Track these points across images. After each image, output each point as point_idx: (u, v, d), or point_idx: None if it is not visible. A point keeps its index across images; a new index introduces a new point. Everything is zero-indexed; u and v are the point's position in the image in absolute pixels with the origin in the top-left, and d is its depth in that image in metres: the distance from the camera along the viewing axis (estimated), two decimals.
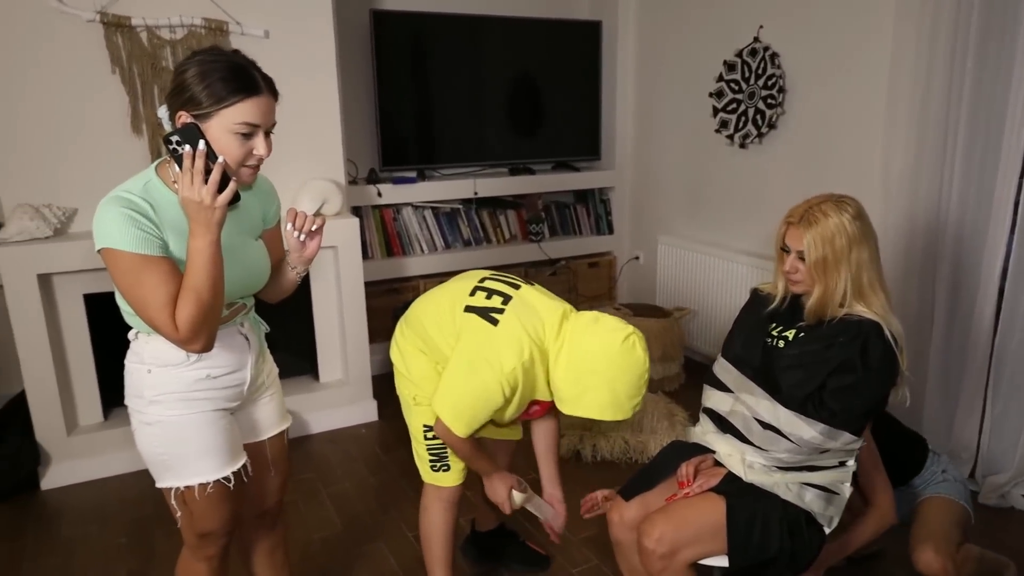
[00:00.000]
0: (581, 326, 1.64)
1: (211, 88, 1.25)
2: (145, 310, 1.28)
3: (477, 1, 3.97)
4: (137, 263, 1.26)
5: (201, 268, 1.26)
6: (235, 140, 1.29)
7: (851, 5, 2.89)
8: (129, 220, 1.25)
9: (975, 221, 2.52)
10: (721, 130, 3.57)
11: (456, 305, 1.73)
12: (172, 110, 1.29)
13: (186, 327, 1.27)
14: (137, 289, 1.27)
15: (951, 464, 2.08)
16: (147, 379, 1.41)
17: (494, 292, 1.73)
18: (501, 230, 4.11)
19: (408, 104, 3.75)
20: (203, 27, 2.77)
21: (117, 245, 1.24)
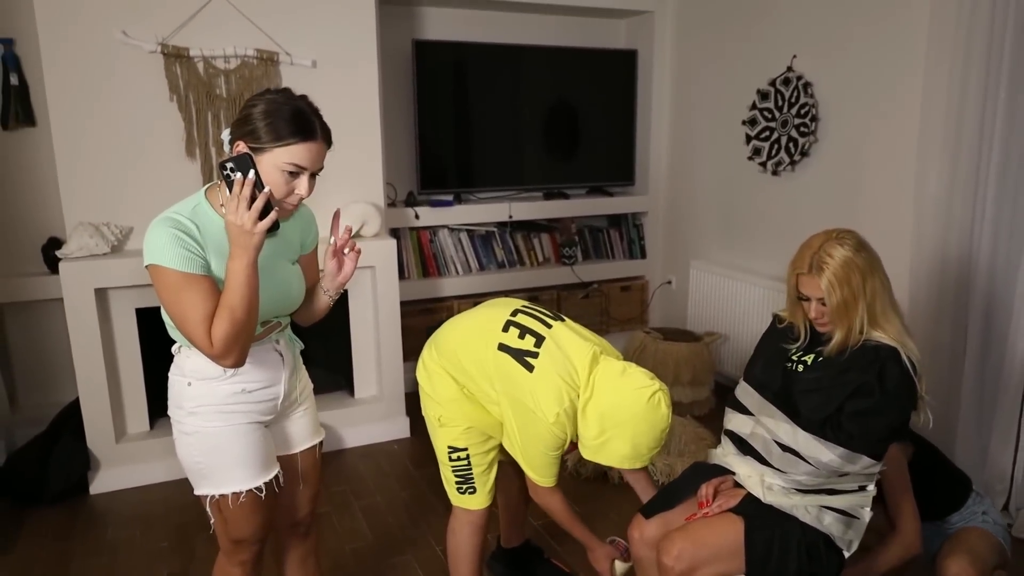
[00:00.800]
0: (610, 377, 1.70)
1: (272, 126, 1.34)
2: (184, 324, 1.36)
3: (516, 31, 4.09)
4: (179, 280, 1.34)
5: (237, 288, 1.34)
6: (281, 177, 1.37)
7: (884, 35, 2.92)
8: (176, 240, 1.34)
9: (1008, 252, 2.51)
10: (754, 157, 3.61)
11: (489, 340, 1.79)
12: (233, 137, 1.39)
13: (220, 343, 1.35)
14: (178, 305, 1.35)
15: (993, 507, 2.05)
16: (187, 391, 1.50)
17: (527, 331, 1.79)
18: (535, 253, 4.19)
19: (447, 129, 3.88)
20: (255, 58, 2.93)
21: (163, 262, 1.34)
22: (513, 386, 1.74)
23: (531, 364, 1.73)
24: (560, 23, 4.22)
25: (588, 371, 1.71)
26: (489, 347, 1.79)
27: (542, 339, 1.77)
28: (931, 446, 2.07)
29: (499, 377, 1.76)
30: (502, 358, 1.76)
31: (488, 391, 1.80)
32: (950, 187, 2.63)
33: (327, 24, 3.07)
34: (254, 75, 2.94)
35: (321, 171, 1.44)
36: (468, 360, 1.82)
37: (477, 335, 1.84)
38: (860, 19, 3.02)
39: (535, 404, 1.69)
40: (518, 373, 1.73)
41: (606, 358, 1.77)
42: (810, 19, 3.26)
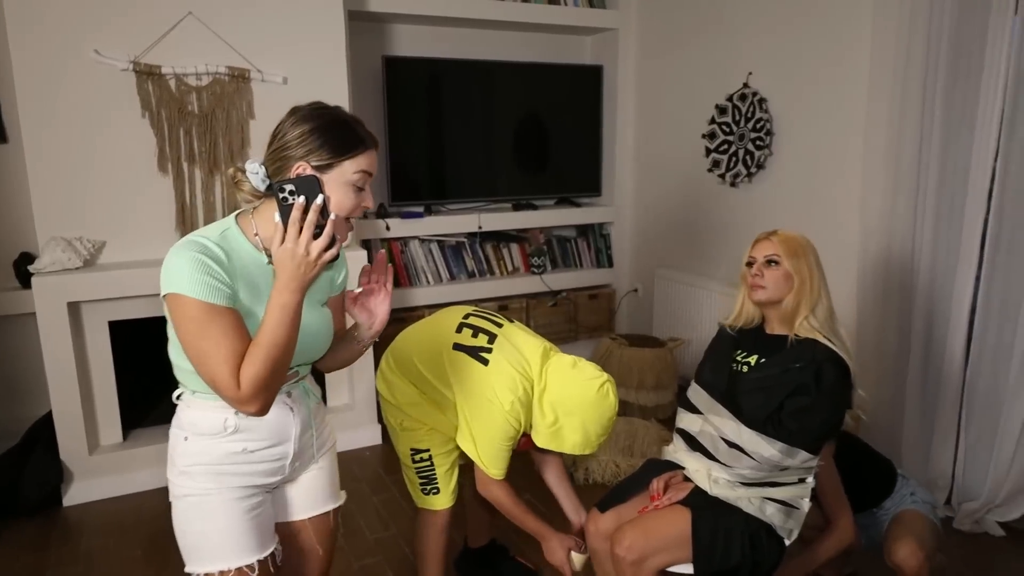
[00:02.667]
0: (562, 370, 1.84)
1: (338, 139, 1.26)
2: (205, 363, 1.21)
3: (485, 47, 4.21)
4: (204, 312, 1.19)
5: (279, 326, 1.21)
6: (351, 191, 1.27)
7: (831, 55, 3.08)
8: (201, 266, 1.20)
9: (946, 258, 2.66)
10: (713, 169, 3.75)
11: (444, 342, 1.91)
12: (283, 162, 1.26)
13: (249, 385, 1.20)
14: (200, 340, 1.20)
15: (920, 487, 2.18)
16: (181, 447, 1.34)
17: (479, 330, 1.91)
18: (504, 263, 4.29)
19: (417, 143, 3.97)
20: (227, 75, 3.00)
21: (185, 291, 1.19)
22: (468, 380, 1.84)
23: (485, 358, 1.85)
24: (527, 39, 4.35)
25: (540, 364, 1.85)
26: (444, 348, 1.89)
27: (494, 336, 1.90)
28: (854, 438, 2.20)
29: (454, 374, 1.86)
30: (457, 356, 1.87)
31: (445, 392, 1.90)
32: (893, 199, 2.78)
33: (298, 41, 3.15)
34: (225, 91, 3.02)
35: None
36: (424, 365, 1.92)
37: (431, 340, 1.95)
38: (810, 39, 3.18)
39: (492, 394, 1.79)
40: (473, 367, 1.85)
41: (556, 353, 1.92)
42: (765, 38, 3.41)
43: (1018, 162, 2.43)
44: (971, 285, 2.59)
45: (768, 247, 1.84)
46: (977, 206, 2.53)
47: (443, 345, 1.91)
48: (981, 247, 2.55)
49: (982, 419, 2.62)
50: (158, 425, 3.22)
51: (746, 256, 1.90)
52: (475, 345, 1.88)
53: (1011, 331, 2.50)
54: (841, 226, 3.07)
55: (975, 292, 2.59)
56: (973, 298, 2.59)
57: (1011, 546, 2.55)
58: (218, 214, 3.10)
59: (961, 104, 2.56)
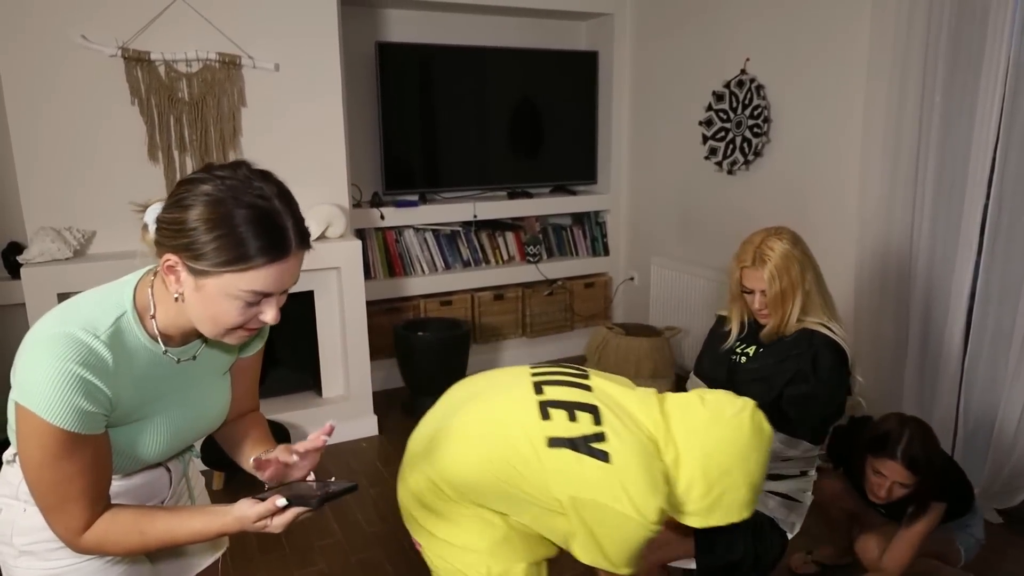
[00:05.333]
0: (693, 420, 1.34)
1: (222, 244, 0.94)
2: (45, 496, 0.97)
3: (479, 32, 4.15)
4: (62, 443, 0.94)
5: (180, 540, 1.04)
6: (235, 305, 0.98)
7: (830, 42, 3.04)
8: (78, 387, 0.93)
9: (944, 247, 2.65)
10: (710, 157, 3.72)
11: (531, 440, 1.31)
12: (160, 247, 0.99)
13: (95, 544, 1.00)
14: (49, 471, 0.95)
15: (980, 523, 2.15)
16: (20, 521, 1.07)
17: (572, 407, 1.33)
18: (500, 251, 4.26)
19: (411, 130, 3.92)
20: (217, 61, 2.95)
21: (45, 414, 0.92)
22: (586, 488, 1.27)
23: (603, 451, 1.27)
24: (522, 25, 4.29)
25: (663, 426, 1.34)
26: (535, 449, 1.30)
27: (595, 409, 1.33)
28: (951, 461, 2.16)
29: (560, 482, 1.29)
30: (560, 456, 1.28)
31: (545, 507, 1.33)
32: (891, 187, 2.76)
33: (289, 27, 3.09)
34: (216, 78, 2.96)
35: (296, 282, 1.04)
36: (507, 481, 1.33)
37: (506, 441, 1.34)
38: (808, 25, 3.14)
39: (628, 506, 1.24)
40: (589, 468, 1.27)
41: (668, 398, 1.41)
42: (762, 24, 3.37)
43: (1018, 149, 2.41)
44: (970, 272, 2.58)
45: (757, 278, 1.76)
46: (976, 193, 2.52)
47: (532, 445, 1.31)
48: (980, 234, 2.53)
49: (981, 406, 2.62)
50: None
51: (737, 281, 1.83)
52: (581, 435, 1.29)
53: (1010, 318, 2.49)
54: (839, 214, 3.05)
55: (974, 279, 2.58)
56: (972, 285, 2.58)
57: (1009, 533, 2.56)
58: None
59: (961, 90, 2.53)
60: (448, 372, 3.65)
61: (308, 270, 3.22)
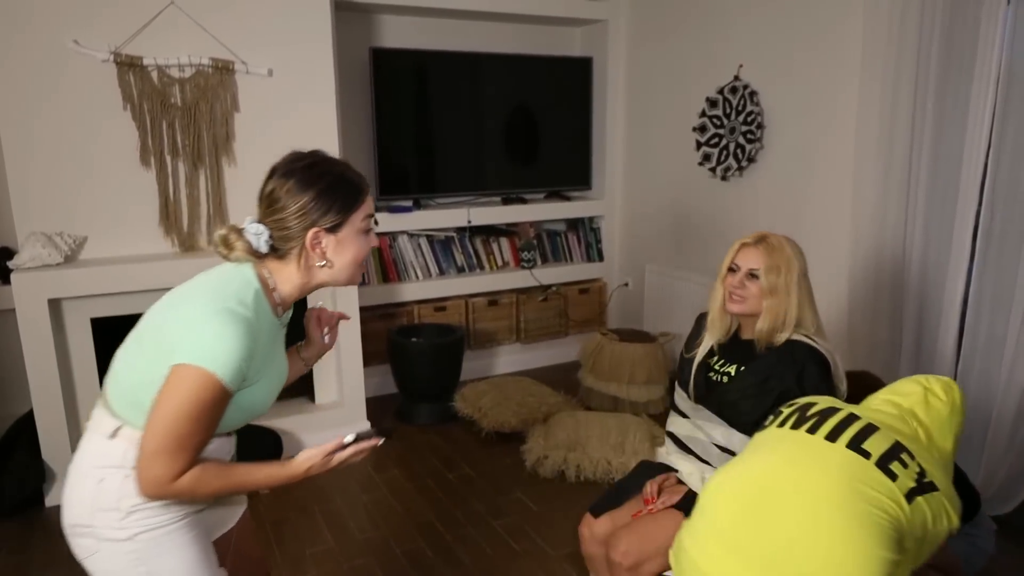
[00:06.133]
0: (943, 418, 1.34)
1: (339, 195, 1.26)
2: (167, 444, 1.13)
3: (473, 38, 4.15)
4: (215, 397, 1.15)
5: (253, 485, 1.24)
6: (363, 238, 1.31)
7: (823, 48, 3.05)
8: (245, 350, 1.16)
9: (938, 253, 2.66)
10: (704, 163, 3.72)
11: (898, 505, 1.20)
12: (291, 231, 1.26)
13: (185, 489, 1.16)
14: (186, 423, 1.13)
15: (990, 536, 2.11)
16: (126, 485, 1.21)
17: (894, 450, 1.24)
18: (494, 257, 4.25)
19: (406, 136, 3.92)
20: (210, 66, 2.94)
21: (216, 370, 1.13)
22: (938, 531, 1.27)
23: (931, 482, 1.24)
24: (517, 31, 4.30)
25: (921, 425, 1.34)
26: (904, 513, 1.20)
27: (907, 453, 1.25)
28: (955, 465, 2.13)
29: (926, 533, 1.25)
30: (918, 508, 1.22)
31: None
32: (884, 192, 2.76)
33: (283, 32, 3.09)
34: (209, 84, 2.95)
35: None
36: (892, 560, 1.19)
37: (882, 522, 1.18)
38: (801, 32, 3.15)
39: (952, 521, 1.27)
40: (935, 505, 1.25)
41: (929, 401, 1.37)
42: (756, 30, 3.38)
43: (1010, 155, 2.41)
44: (963, 278, 2.58)
45: (753, 258, 1.74)
46: (969, 199, 2.52)
47: (902, 510, 1.21)
48: (973, 240, 2.54)
49: (974, 413, 2.61)
50: None
51: (728, 259, 1.81)
52: (915, 476, 1.24)
53: (1003, 324, 2.49)
54: (832, 220, 3.05)
55: (967, 285, 2.58)
56: (965, 291, 2.59)
57: (1003, 541, 2.55)
58: (202, 209, 3.04)
59: (953, 96, 2.54)
60: (442, 378, 3.65)
61: None
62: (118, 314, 2.92)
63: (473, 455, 3.28)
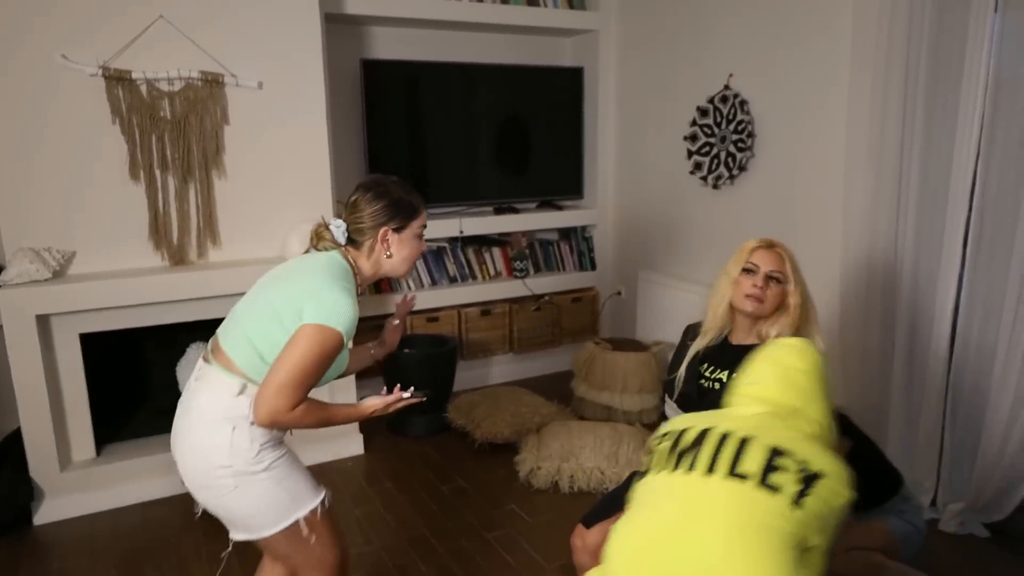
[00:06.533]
0: (808, 389, 1.43)
1: (403, 208, 1.68)
2: (293, 382, 1.47)
3: (464, 49, 4.16)
4: (335, 348, 1.53)
5: (337, 421, 1.63)
6: (417, 241, 1.73)
7: (812, 56, 3.07)
8: (354, 316, 1.56)
9: (929, 260, 2.66)
10: (695, 172, 3.73)
11: (783, 520, 1.22)
12: (364, 226, 1.67)
13: (297, 418, 1.51)
14: (312, 367, 1.50)
15: (917, 509, 2.15)
16: (253, 432, 1.57)
17: (770, 470, 1.25)
18: (486, 267, 4.24)
19: (397, 147, 3.92)
20: (200, 79, 2.93)
21: (341, 327, 1.52)
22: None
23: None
24: (507, 41, 4.31)
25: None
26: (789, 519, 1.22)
27: (778, 455, 1.26)
28: (869, 441, 2.18)
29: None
30: (809, 503, 1.24)
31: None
32: (875, 199, 2.77)
33: (273, 45, 3.09)
34: (199, 97, 2.94)
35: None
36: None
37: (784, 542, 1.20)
38: (790, 41, 3.17)
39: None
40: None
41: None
42: (745, 40, 3.40)
43: (999, 161, 2.43)
44: (954, 285, 2.58)
45: (774, 261, 1.78)
46: (959, 206, 2.53)
47: (785, 518, 1.24)
48: (963, 247, 2.54)
49: (966, 419, 2.62)
50: (133, 439, 3.14)
51: (743, 261, 1.83)
52: (802, 483, 1.26)
53: (994, 330, 2.50)
54: (824, 227, 3.06)
55: (958, 292, 2.58)
56: (956, 298, 2.59)
57: (996, 548, 2.55)
58: (192, 223, 3.03)
59: (942, 103, 2.55)
60: (436, 389, 3.63)
61: None
62: (107, 329, 2.90)
63: (466, 466, 3.26)
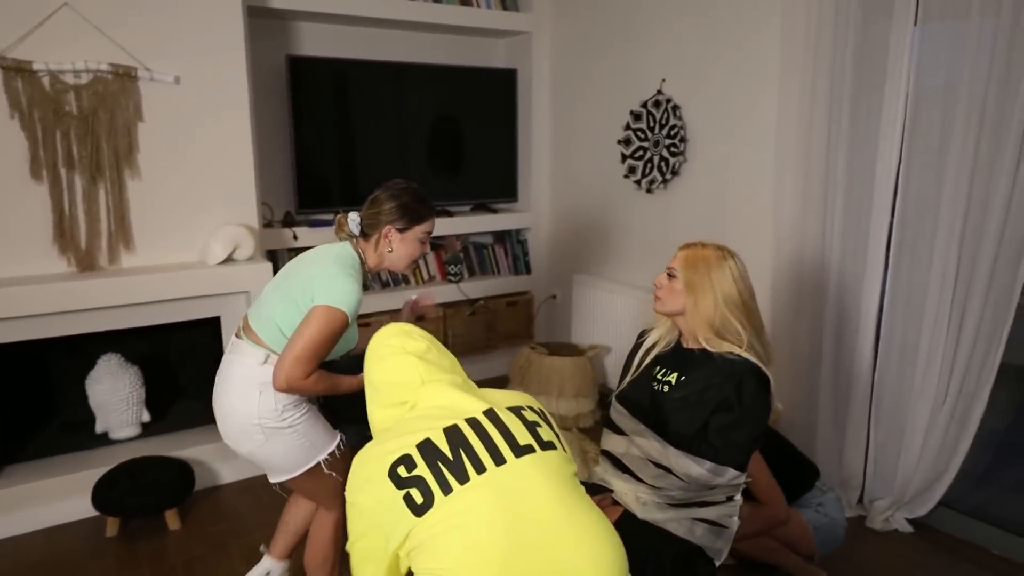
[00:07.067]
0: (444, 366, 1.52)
1: (413, 213, 1.93)
2: (306, 349, 1.76)
3: (396, 48, 4.06)
4: (341, 326, 1.79)
5: (348, 388, 1.90)
6: (418, 244, 1.97)
7: (743, 63, 3.11)
8: (358, 296, 1.82)
9: (854, 264, 2.73)
10: (629, 175, 3.74)
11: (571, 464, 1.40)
12: (375, 221, 1.95)
13: (309, 385, 1.80)
14: (322, 342, 1.77)
15: (836, 503, 2.21)
16: (277, 395, 1.85)
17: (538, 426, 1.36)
18: (420, 271, 4.15)
19: (327, 147, 3.78)
20: (109, 72, 2.74)
21: (347, 309, 1.79)
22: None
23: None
24: (440, 41, 4.23)
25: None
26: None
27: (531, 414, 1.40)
28: (783, 440, 2.22)
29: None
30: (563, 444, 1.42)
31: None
32: (803, 204, 2.83)
33: (191, 38, 2.92)
34: (109, 91, 2.75)
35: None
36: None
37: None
38: (721, 47, 3.21)
39: None
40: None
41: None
42: (677, 45, 3.43)
43: (919, 169, 2.51)
44: (878, 288, 2.66)
45: (676, 259, 1.85)
46: (882, 210, 2.60)
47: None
48: (887, 250, 2.62)
49: (890, 418, 2.70)
50: (38, 459, 2.90)
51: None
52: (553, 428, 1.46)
53: (915, 332, 2.58)
54: (755, 231, 3.11)
55: (882, 294, 2.66)
56: (880, 300, 2.67)
57: (920, 542, 2.64)
58: (102, 225, 2.83)
59: (866, 112, 2.63)
60: None
61: (214, 295, 3.04)
62: (7, 341, 2.67)
63: None
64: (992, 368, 2.41)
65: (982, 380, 2.44)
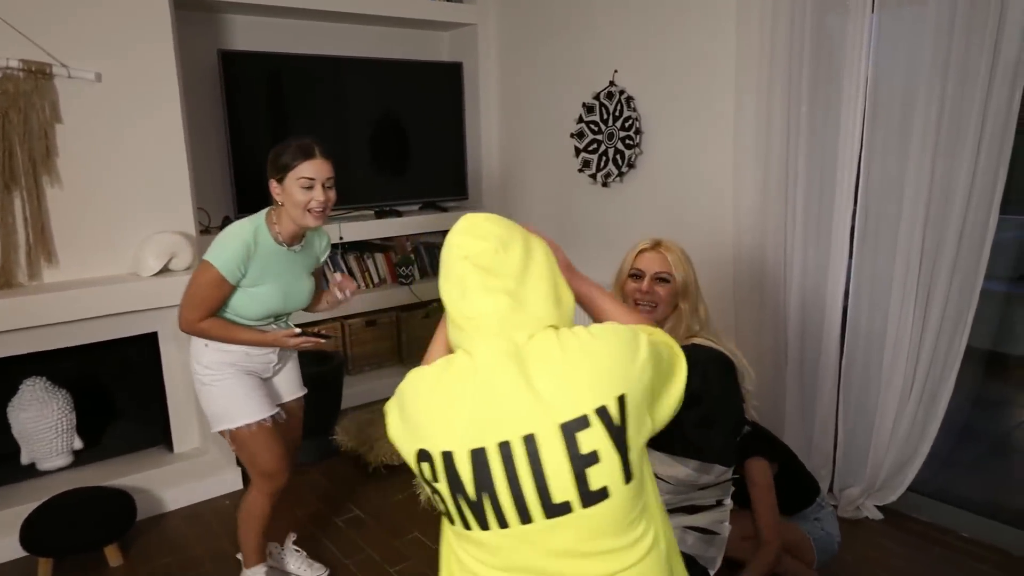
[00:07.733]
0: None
1: (281, 162, 1.96)
2: (190, 300, 1.93)
3: (335, 41, 3.88)
4: (214, 280, 1.91)
5: (239, 339, 2.00)
6: (301, 190, 1.93)
7: (697, 53, 3.06)
8: (238, 255, 1.91)
9: (818, 253, 2.71)
10: (584, 169, 3.66)
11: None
12: (269, 178, 1.99)
13: (196, 331, 1.98)
14: (199, 291, 1.92)
15: (832, 518, 2.19)
16: (204, 351, 2.03)
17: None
18: (369, 274, 3.99)
19: (264, 147, 3.54)
20: (21, 70, 2.49)
21: (217, 264, 1.90)
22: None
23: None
24: (381, 34, 4.06)
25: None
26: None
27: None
28: (792, 455, 2.19)
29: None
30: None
31: None
32: (763, 196, 2.79)
33: (113, 32, 2.69)
34: (21, 90, 2.50)
35: (332, 180, 1.99)
36: None
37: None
38: (674, 37, 3.15)
39: None
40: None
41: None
42: (629, 35, 3.35)
43: (880, 156, 2.50)
44: (843, 276, 2.64)
45: (657, 262, 1.74)
46: (845, 199, 2.58)
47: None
48: (851, 239, 2.60)
49: (858, 406, 2.69)
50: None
51: (628, 266, 1.79)
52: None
53: (881, 319, 2.58)
54: (715, 223, 3.06)
55: (847, 283, 2.65)
56: (845, 289, 2.65)
57: (890, 529, 2.64)
58: (20, 238, 2.58)
59: (825, 102, 2.60)
60: (322, 411, 3.33)
61: (149, 309, 2.81)
62: None
63: (361, 493, 3.00)
64: (958, 352, 2.42)
65: (948, 364, 2.45)
